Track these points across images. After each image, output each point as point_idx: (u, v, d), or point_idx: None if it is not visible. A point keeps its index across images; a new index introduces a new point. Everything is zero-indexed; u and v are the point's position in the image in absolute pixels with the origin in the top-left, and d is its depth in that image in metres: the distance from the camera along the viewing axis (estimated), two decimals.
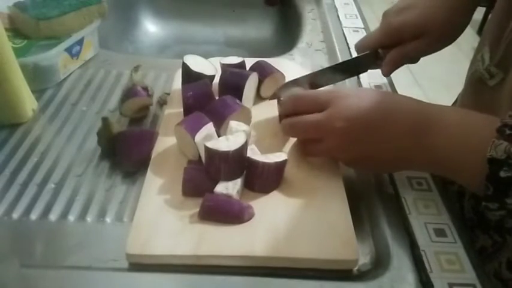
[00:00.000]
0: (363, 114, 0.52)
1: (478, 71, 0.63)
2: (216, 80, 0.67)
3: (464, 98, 0.71)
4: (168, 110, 0.68)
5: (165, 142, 0.62)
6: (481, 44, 0.65)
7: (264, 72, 0.69)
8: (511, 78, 0.57)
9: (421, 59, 0.70)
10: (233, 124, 0.58)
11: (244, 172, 0.55)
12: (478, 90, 0.64)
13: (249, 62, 0.71)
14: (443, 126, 0.50)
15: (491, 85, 0.60)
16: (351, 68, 0.69)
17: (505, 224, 0.58)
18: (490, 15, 0.65)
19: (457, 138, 0.49)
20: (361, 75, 0.78)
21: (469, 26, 0.68)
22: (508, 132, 0.45)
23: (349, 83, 0.77)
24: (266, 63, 0.71)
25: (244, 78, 0.65)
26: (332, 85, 0.70)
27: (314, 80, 0.67)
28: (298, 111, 0.56)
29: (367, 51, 0.68)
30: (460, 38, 0.68)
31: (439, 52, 0.69)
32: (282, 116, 0.60)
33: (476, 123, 0.50)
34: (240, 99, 0.64)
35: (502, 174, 0.44)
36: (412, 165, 0.55)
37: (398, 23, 0.65)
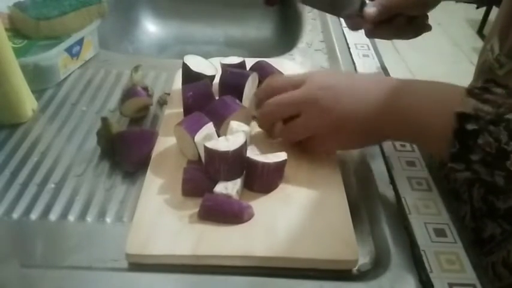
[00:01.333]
0: (337, 82, 0.56)
1: (488, 61, 0.63)
2: (216, 80, 0.67)
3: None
4: (168, 110, 0.68)
5: (165, 142, 0.62)
6: (491, 35, 0.66)
7: (264, 72, 0.69)
8: None
9: (422, 59, 0.70)
10: (234, 124, 0.58)
11: (244, 172, 0.55)
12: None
13: (249, 62, 0.71)
14: (414, 89, 0.53)
15: (501, 74, 0.61)
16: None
17: None
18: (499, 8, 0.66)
19: (428, 98, 0.51)
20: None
21: (469, 26, 0.68)
22: (476, 91, 0.46)
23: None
24: (266, 63, 0.71)
25: (244, 78, 0.65)
26: None
27: None
28: (274, 94, 0.58)
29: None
30: (460, 38, 0.69)
31: (439, 52, 0.69)
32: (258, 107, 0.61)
33: (446, 87, 0.52)
34: (240, 99, 0.64)
35: (469, 127, 0.45)
36: (384, 130, 0.55)
37: None
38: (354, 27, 0.73)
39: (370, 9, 0.67)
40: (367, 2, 0.68)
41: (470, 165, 0.46)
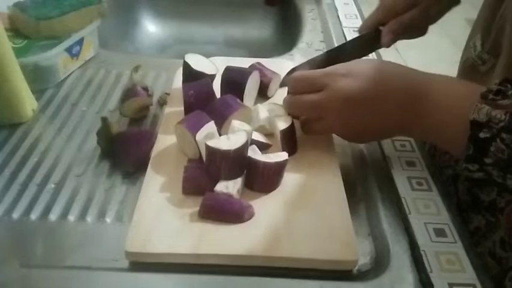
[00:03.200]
0: (357, 95, 0.54)
1: (471, 58, 0.64)
2: (217, 79, 0.67)
3: None
4: (168, 109, 0.68)
5: (166, 141, 0.62)
6: (473, 32, 0.67)
7: (264, 72, 0.69)
8: (501, 63, 0.59)
9: (422, 59, 0.71)
10: (235, 123, 0.58)
11: (245, 171, 0.55)
12: (470, 76, 0.66)
13: (249, 62, 0.72)
14: (431, 95, 0.53)
15: (483, 71, 0.62)
16: (357, 49, 0.72)
17: (497, 204, 0.60)
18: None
19: (444, 104, 0.53)
20: None
21: (469, 26, 0.69)
22: (491, 97, 0.48)
23: None
24: (260, 64, 0.71)
25: (245, 76, 0.65)
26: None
27: (323, 62, 0.68)
28: (296, 92, 0.59)
29: (369, 31, 0.71)
30: (460, 38, 0.70)
31: (439, 52, 0.70)
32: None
33: (461, 90, 0.54)
34: (241, 97, 0.64)
35: (482, 135, 0.47)
36: (405, 132, 0.59)
37: None
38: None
39: (387, 39, 0.69)
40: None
41: (484, 167, 0.49)
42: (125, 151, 0.61)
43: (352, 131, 0.58)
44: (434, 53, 2.48)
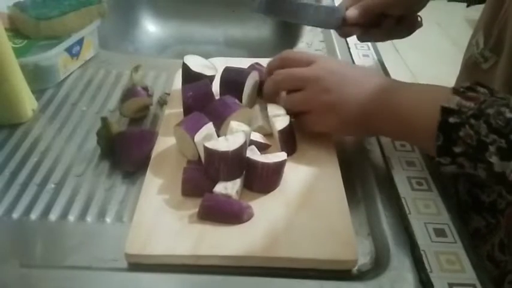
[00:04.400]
0: (341, 69, 0.60)
1: (473, 55, 0.65)
2: (216, 80, 0.67)
3: (459, 81, 0.73)
4: (168, 110, 0.68)
5: (165, 142, 0.62)
6: (476, 30, 0.67)
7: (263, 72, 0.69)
8: (503, 61, 0.59)
9: (422, 59, 0.71)
10: (234, 124, 0.58)
11: (244, 172, 0.55)
12: (472, 73, 0.66)
13: (248, 62, 0.72)
14: (407, 89, 0.56)
15: (485, 68, 0.62)
16: (321, 14, 0.72)
17: (497, 205, 0.60)
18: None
19: (417, 95, 0.54)
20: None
21: (469, 26, 0.70)
22: (462, 90, 0.49)
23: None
24: (260, 65, 0.71)
25: (244, 76, 0.65)
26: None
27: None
28: (285, 67, 0.61)
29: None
30: (460, 38, 0.70)
31: (439, 52, 0.71)
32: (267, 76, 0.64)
33: (434, 86, 0.55)
34: (240, 97, 0.64)
35: (451, 120, 0.48)
36: (375, 124, 0.57)
37: None
38: (343, 34, 0.74)
39: (351, 12, 0.68)
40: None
41: (455, 159, 0.48)
42: (125, 151, 0.61)
43: (325, 104, 0.58)
44: (434, 53, 2.48)
